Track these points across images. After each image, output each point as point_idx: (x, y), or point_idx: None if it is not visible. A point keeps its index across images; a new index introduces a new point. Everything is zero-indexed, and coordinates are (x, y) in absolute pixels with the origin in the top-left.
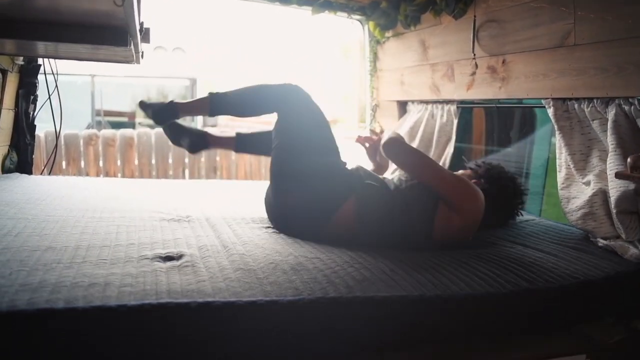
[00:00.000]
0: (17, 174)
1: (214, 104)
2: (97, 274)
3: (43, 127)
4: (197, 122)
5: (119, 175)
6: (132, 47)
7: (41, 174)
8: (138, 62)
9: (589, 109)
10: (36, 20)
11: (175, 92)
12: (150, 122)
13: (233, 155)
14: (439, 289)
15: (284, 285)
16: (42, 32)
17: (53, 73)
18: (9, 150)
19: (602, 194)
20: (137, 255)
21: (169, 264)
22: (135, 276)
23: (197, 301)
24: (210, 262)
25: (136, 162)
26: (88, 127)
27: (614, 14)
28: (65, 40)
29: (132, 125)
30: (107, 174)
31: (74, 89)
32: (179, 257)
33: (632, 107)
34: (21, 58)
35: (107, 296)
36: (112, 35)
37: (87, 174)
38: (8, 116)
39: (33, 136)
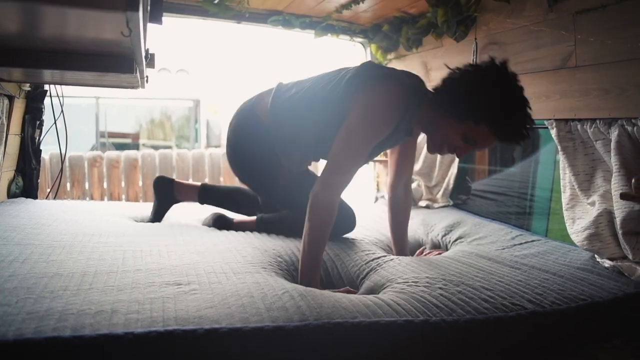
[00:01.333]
0: (22, 199)
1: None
2: (104, 301)
3: (48, 149)
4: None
5: (123, 196)
6: (137, 73)
7: (47, 197)
8: (143, 86)
9: (591, 129)
10: (43, 49)
11: (178, 113)
12: (154, 142)
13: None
14: (443, 313)
15: (290, 310)
16: (49, 61)
17: (59, 97)
18: (14, 175)
19: (608, 214)
20: (144, 281)
21: (176, 290)
22: (142, 303)
23: (203, 328)
24: (218, 288)
25: (140, 183)
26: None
27: (613, 37)
28: (71, 69)
29: (136, 146)
30: (111, 196)
31: (79, 111)
32: (187, 283)
33: (635, 128)
34: (28, 84)
35: (114, 324)
36: (118, 62)
37: (92, 196)
38: (14, 141)
39: (39, 161)
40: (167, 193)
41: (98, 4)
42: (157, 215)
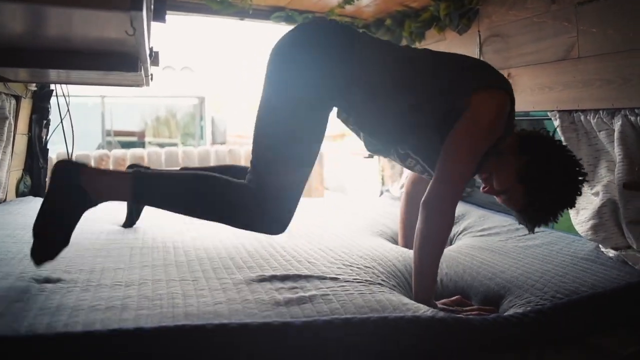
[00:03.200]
0: (30, 197)
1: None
2: (114, 297)
3: (55, 148)
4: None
5: None
6: (142, 71)
7: None
8: (147, 84)
9: (595, 120)
10: (48, 49)
11: (184, 111)
12: (159, 140)
13: None
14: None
15: (301, 305)
16: (54, 61)
17: (65, 96)
18: (22, 174)
19: (611, 204)
20: (152, 277)
21: (184, 286)
22: (151, 299)
23: (213, 323)
24: (227, 283)
25: None
26: (99, 148)
27: (615, 27)
28: (76, 68)
29: (142, 144)
30: None
31: (85, 110)
32: (194, 279)
33: (638, 118)
34: (34, 84)
35: (124, 319)
36: (123, 61)
37: None
38: (22, 141)
39: (46, 160)
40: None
41: (102, 4)
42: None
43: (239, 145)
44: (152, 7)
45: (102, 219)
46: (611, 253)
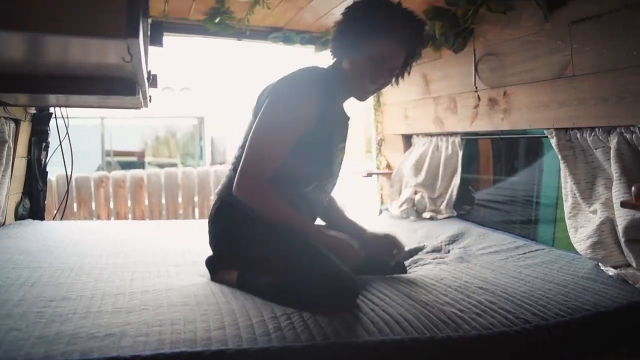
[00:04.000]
0: (30, 221)
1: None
2: (113, 324)
3: (54, 170)
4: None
5: (130, 216)
6: (140, 94)
7: (53, 218)
8: (146, 106)
9: (591, 138)
10: (47, 75)
11: (183, 131)
12: (159, 160)
13: None
14: (450, 329)
15: (298, 330)
16: (53, 86)
17: (64, 118)
18: (21, 198)
19: (610, 222)
20: (153, 303)
21: (185, 311)
22: (150, 325)
23: (210, 350)
24: (227, 308)
25: (146, 202)
26: (98, 169)
27: (609, 46)
28: (75, 93)
29: (141, 164)
30: (117, 215)
31: (85, 131)
32: (196, 304)
33: (634, 135)
34: (33, 107)
35: (122, 347)
36: (121, 85)
37: (98, 216)
38: (21, 164)
39: (45, 182)
40: None
41: (99, 33)
42: None
43: None
44: (149, 32)
45: (102, 240)
46: (611, 271)
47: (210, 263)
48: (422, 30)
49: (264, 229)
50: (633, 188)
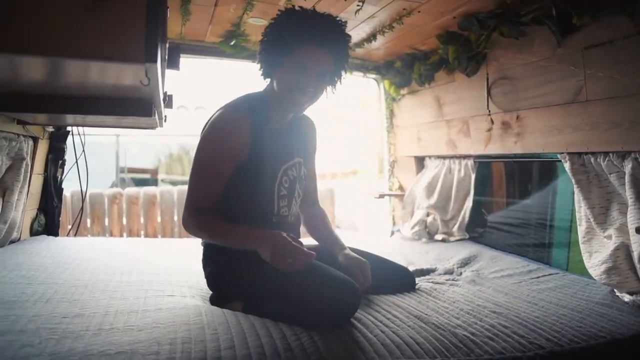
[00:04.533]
0: (44, 236)
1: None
2: (124, 342)
3: (69, 185)
4: None
5: (142, 232)
6: (156, 115)
7: (67, 234)
8: (161, 126)
9: (605, 162)
10: (65, 96)
11: None
12: (172, 178)
13: None
14: (461, 353)
15: (308, 350)
16: (72, 106)
17: (80, 135)
18: (37, 214)
19: (625, 248)
20: (165, 321)
21: (197, 329)
22: (162, 343)
23: None
24: (237, 328)
25: (159, 219)
26: (112, 185)
27: (622, 71)
28: (92, 113)
29: (154, 181)
30: (130, 232)
31: (100, 148)
32: (207, 323)
33: None
34: (51, 126)
35: None
36: (138, 106)
37: (111, 232)
38: (37, 181)
39: (60, 199)
40: None
41: (119, 58)
42: None
43: None
44: (166, 56)
45: (116, 257)
46: (626, 298)
47: (213, 300)
48: (339, 29)
49: (252, 258)
50: None
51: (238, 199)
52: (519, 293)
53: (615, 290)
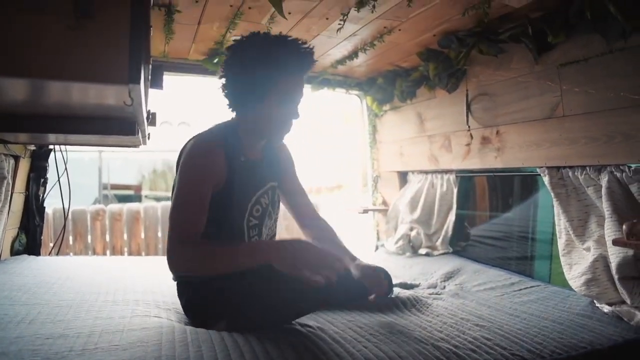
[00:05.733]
0: (25, 256)
1: None
2: None
3: (51, 202)
4: None
5: (126, 249)
6: (139, 134)
7: (49, 253)
8: (145, 144)
9: (582, 176)
10: (48, 115)
11: None
12: (156, 194)
13: None
14: None
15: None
16: (53, 126)
17: (62, 152)
18: (18, 233)
19: (603, 259)
20: (149, 340)
21: (182, 348)
22: None
23: None
24: (220, 345)
25: (142, 235)
26: (95, 202)
27: (597, 87)
28: (75, 132)
29: (138, 197)
30: (113, 249)
31: (82, 165)
32: (194, 340)
33: (624, 174)
34: (33, 144)
35: None
36: (121, 125)
37: (94, 249)
38: (19, 200)
39: (42, 218)
40: None
41: (102, 79)
42: None
43: None
44: (150, 76)
45: (100, 276)
46: (606, 308)
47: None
48: (312, 57)
49: (222, 282)
50: (624, 226)
51: (208, 226)
52: (501, 306)
53: (595, 301)
